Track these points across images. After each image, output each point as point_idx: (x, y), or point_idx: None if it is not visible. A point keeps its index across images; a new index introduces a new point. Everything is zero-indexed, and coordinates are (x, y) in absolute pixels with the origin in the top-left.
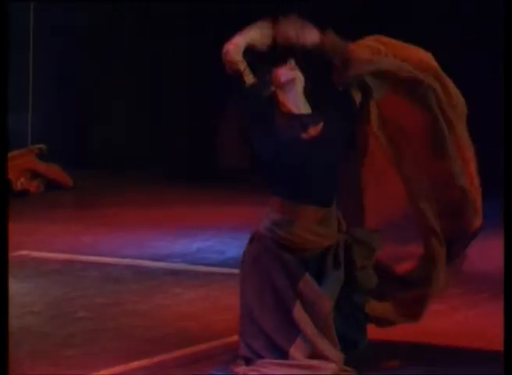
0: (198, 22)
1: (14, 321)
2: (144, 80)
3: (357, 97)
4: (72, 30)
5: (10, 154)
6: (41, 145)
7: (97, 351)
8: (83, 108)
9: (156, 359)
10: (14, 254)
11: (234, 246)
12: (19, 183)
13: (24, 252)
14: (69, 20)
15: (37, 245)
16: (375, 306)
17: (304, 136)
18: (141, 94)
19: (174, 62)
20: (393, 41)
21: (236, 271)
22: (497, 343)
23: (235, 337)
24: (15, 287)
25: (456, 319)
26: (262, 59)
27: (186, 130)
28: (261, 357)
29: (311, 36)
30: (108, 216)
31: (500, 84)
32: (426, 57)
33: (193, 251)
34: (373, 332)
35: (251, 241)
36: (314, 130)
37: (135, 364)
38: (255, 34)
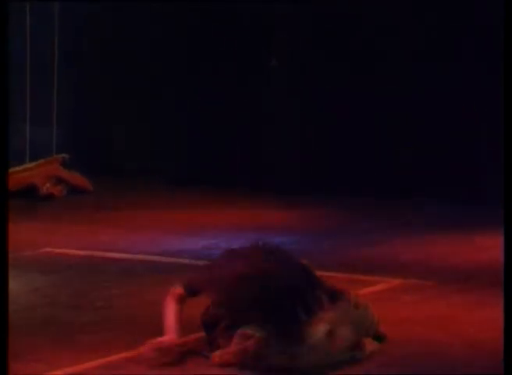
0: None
1: (38, 310)
2: (154, 86)
3: None
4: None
5: (38, 162)
6: (64, 155)
7: (112, 337)
8: (101, 121)
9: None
10: (40, 250)
11: (235, 244)
12: (45, 187)
13: (49, 249)
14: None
15: (61, 243)
16: None
17: None
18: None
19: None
20: None
21: None
22: (465, 329)
23: None
24: (40, 279)
25: (428, 309)
26: None
27: (192, 139)
28: None
29: None
30: (123, 218)
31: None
32: None
33: (198, 249)
34: None
35: None
36: None
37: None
38: None
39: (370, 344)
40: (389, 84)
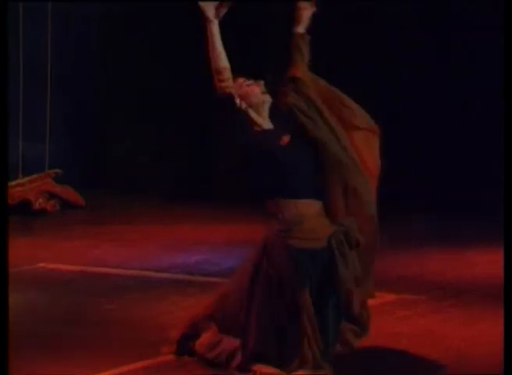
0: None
1: (31, 325)
2: (151, 105)
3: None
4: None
5: (30, 177)
6: (57, 170)
7: (104, 352)
8: (93, 138)
9: (158, 360)
10: (33, 266)
11: (228, 259)
12: (38, 203)
13: (42, 264)
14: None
15: (53, 258)
16: None
17: (281, 144)
18: (146, 121)
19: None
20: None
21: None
22: (457, 344)
23: None
24: (33, 295)
25: (421, 324)
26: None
27: (186, 155)
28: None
29: None
30: (116, 233)
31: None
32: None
33: (192, 263)
34: None
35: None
36: (286, 139)
37: (139, 364)
38: None
39: None
40: (380, 99)
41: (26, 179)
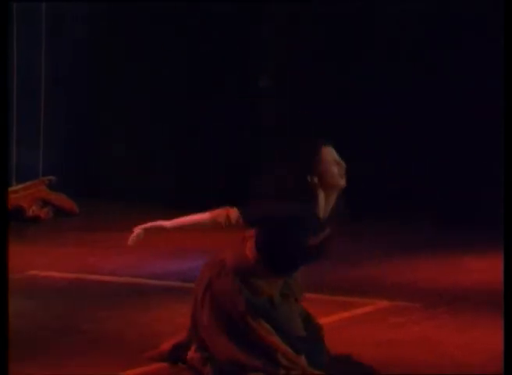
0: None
1: (24, 334)
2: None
3: None
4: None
5: (24, 184)
6: (51, 177)
7: (98, 360)
8: (87, 145)
9: (153, 367)
10: (26, 273)
11: None
12: (31, 210)
13: (35, 272)
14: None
15: (47, 266)
16: None
17: (311, 241)
18: (138, 131)
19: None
20: None
21: None
22: (451, 351)
23: None
24: (25, 303)
25: (415, 331)
26: None
27: (176, 164)
28: None
29: None
30: (109, 240)
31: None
32: None
33: (185, 270)
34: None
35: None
36: (319, 238)
37: (133, 372)
38: None
39: None
40: (377, 106)
41: (20, 186)
